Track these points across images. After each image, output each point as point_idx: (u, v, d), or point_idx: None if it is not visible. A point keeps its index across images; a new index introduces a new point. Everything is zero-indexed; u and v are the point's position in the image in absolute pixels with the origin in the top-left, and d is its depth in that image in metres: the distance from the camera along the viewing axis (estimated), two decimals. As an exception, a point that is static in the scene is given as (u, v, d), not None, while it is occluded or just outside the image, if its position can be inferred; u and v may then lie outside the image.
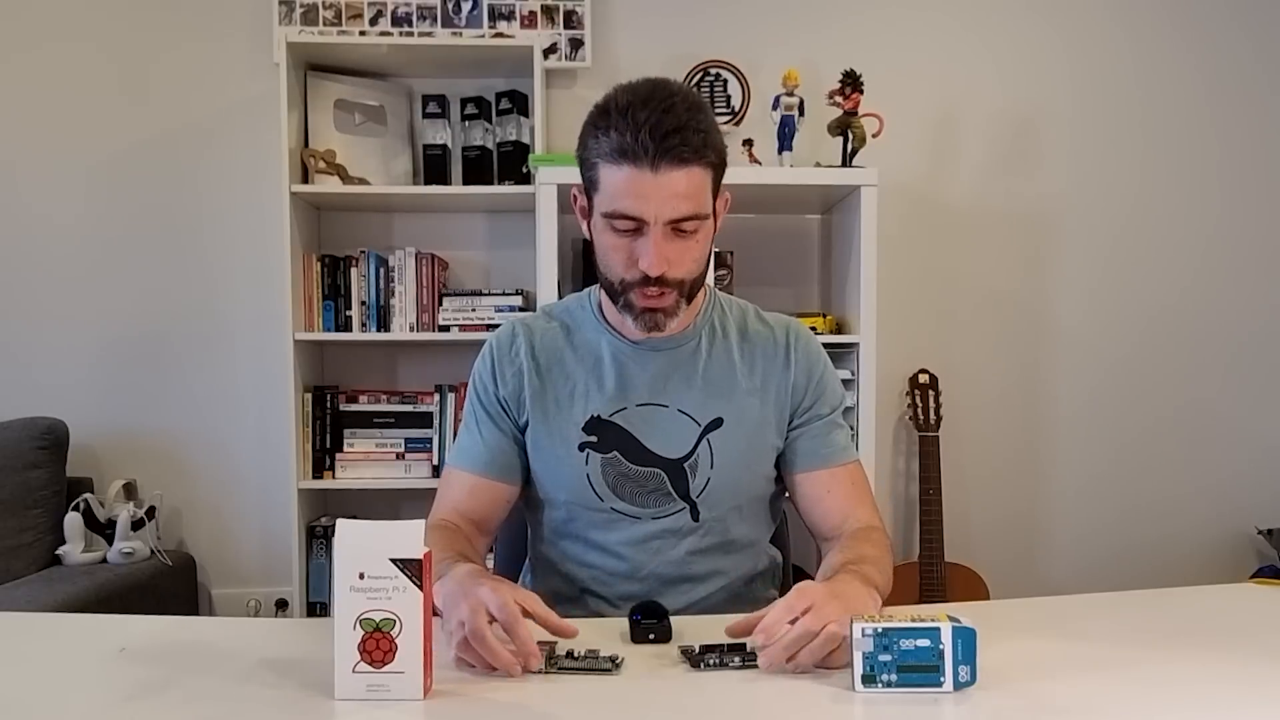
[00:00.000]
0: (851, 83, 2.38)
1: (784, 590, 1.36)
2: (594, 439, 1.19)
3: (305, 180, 2.48)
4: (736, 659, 0.90)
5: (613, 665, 0.90)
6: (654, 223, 1.08)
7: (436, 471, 2.50)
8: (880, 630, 0.83)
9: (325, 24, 2.61)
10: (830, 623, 0.87)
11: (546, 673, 0.88)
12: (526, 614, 0.90)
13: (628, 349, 1.22)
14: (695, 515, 1.20)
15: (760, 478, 1.25)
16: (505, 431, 1.23)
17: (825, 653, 0.87)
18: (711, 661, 0.90)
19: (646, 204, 1.07)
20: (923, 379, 2.66)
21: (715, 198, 1.15)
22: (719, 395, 1.21)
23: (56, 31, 2.60)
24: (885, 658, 0.83)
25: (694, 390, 1.21)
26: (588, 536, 1.21)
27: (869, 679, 0.83)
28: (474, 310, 2.49)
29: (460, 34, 2.63)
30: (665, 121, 1.05)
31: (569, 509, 1.21)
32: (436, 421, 2.54)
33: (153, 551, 2.43)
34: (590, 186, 1.13)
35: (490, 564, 1.54)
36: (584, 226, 1.20)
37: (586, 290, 1.30)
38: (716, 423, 1.20)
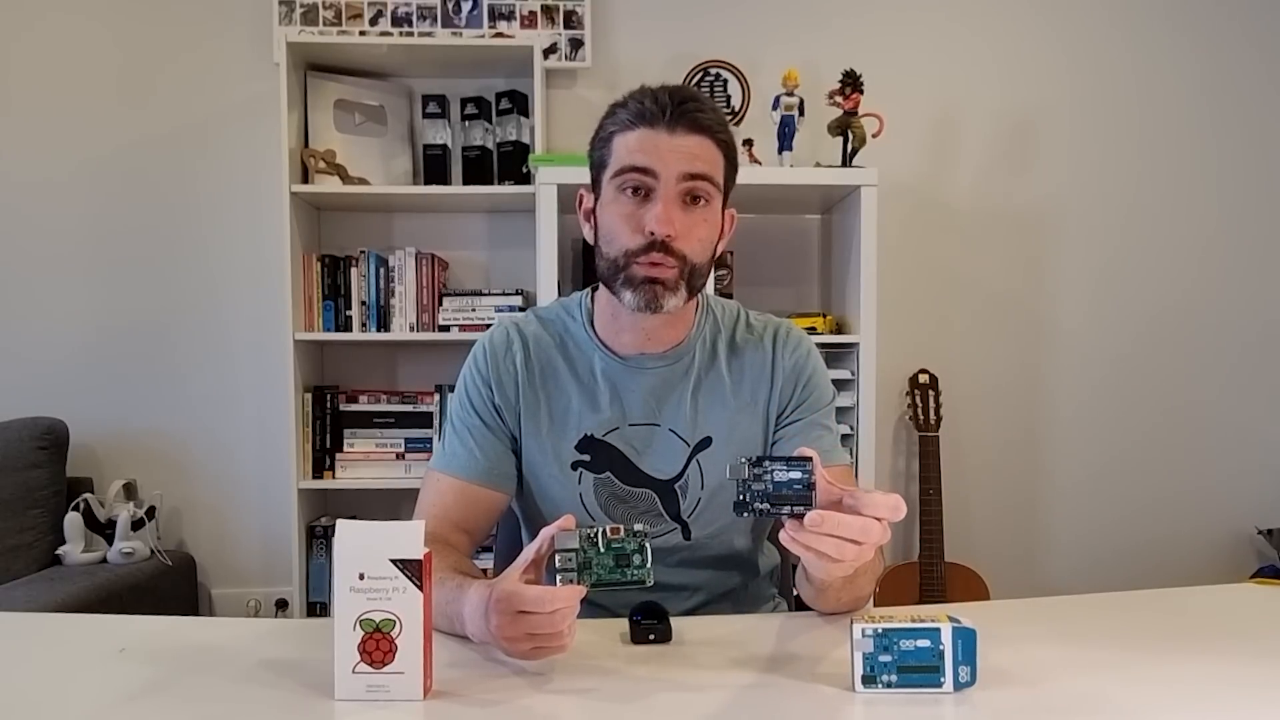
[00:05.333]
0: (851, 83, 2.38)
1: (783, 589, 1.35)
2: (586, 458, 1.17)
3: (305, 180, 2.48)
4: (786, 510, 0.83)
5: (643, 571, 0.88)
6: (665, 179, 1.07)
7: (437, 472, 2.50)
8: (880, 631, 0.82)
9: (325, 24, 2.61)
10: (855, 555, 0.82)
11: (593, 589, 0.87)
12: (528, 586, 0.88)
13: (619, 366, 1.19)
14: (687, 535, 1.19)
15: None
16: (501, 438, 1.19)
17: (837, 555, 0.82)
18: (762, 507, 0.84)
19: (659, 157, 1.07)
20: (923, 379, 2.66)
21: (726, 188, 1.15)
22: (709, 414, 1.19)
23: (57, 31, 2.60)
24: (885, 658, 0.82)
25: (684, 410, 1.18)
26: None
27: (869, 679, 0.83)
28: (474, 310, 2.49)
29: (460, 34, 2.63)
30: (683, 92, 1.10)
31: None
32: (436, 421, 2.53)
33: (153, 551, 2.43)
34: (601, 166, 1.12)
35: (489, 564, 1.54)
36: (586, 229, 1.18)
37: (576, 298, 1.26)
38: (705, 442, 1.18)
